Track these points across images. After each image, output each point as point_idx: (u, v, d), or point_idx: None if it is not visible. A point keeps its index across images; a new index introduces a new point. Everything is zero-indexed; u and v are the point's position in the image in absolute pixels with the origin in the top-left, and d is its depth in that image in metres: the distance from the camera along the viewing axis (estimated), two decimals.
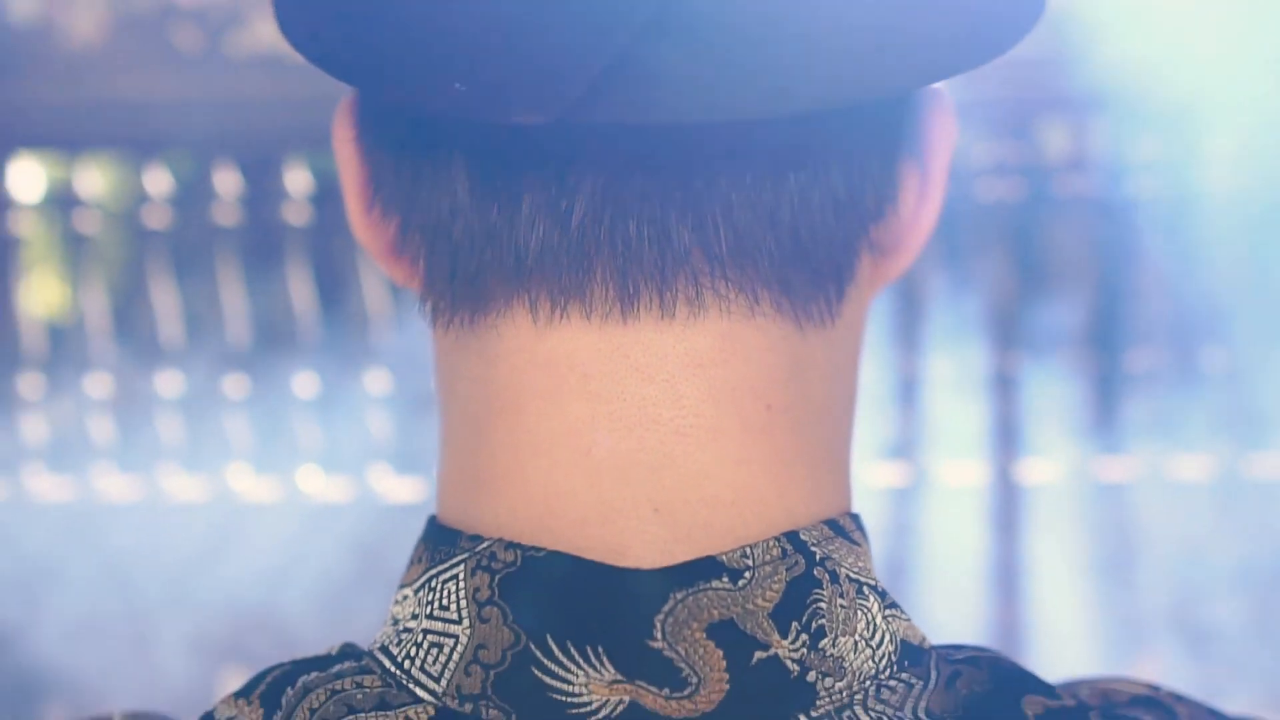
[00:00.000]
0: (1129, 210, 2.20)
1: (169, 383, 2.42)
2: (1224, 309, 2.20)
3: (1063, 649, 1.91)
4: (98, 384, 2.43)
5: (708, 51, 0.52)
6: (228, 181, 2.41)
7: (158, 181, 2.43)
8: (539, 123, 0.53)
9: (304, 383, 2.41)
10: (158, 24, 2.31)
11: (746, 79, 0.53)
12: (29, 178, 2.51)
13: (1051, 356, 2.23)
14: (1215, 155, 2.21)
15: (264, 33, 2.30)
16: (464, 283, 0.57)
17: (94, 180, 2.48)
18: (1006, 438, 2.19)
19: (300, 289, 2.37)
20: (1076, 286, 2.21)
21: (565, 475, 0.56)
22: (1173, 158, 2.21)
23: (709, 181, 0.55)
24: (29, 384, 2.41)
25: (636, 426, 0.56)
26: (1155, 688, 0.63)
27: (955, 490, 2.20)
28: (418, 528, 0.60)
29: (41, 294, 2.71)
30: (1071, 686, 0.61)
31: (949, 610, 2.01)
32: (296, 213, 2.41)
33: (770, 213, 0.55)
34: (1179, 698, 0.62)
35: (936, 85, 0.61)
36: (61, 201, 2.49)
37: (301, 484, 2.39)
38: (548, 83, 0.52)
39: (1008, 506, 2.16)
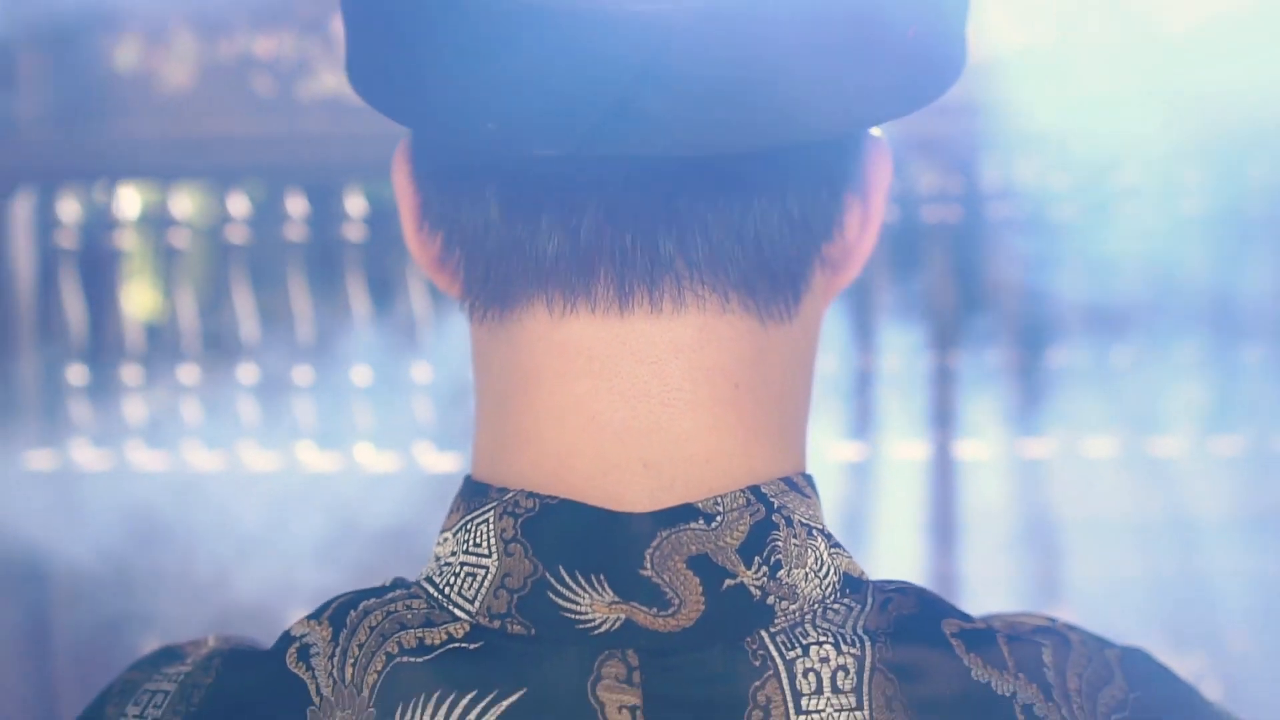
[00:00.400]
0: (1049, 232, 2.21)
1: (246, 372, 2.39)
2: (1128, 314, 2.21)
3: (989, 598, 1.94)
4: (187, 373, 2.39)
5: (687, 98, 0.53)
6: (296, 205, 2.38)
7: (237, 205, 2.39)
8: (554, 155, 0.55)
9: (360, 373, 2.37)
10: (239, 72, 2.27)
11: (718, 120, 0.54)
12: (130, 201, 2.48)
13: (984, 354, 2.25)
14: (1121, 186, 2.20)
15: (328, 81, 2.25)
16: (495, 285, 0.59)
17: (184, 203, 2.43)
18: (945, 421, 2.21)
19: (357, 295, 2.37)
20: (1005, 295, 2.23)
21: (574, 438, 0.58)
22: (1085, 187, 2.20)
23: (689, 203, 0.56)
24: (130, 373, 2.39)
25: (631, 399, 0.58)
26: (1053, 620, 0.65)
27: (902, 465, 2.21)
28: (454, 492, 0.62)
29: (140, 299, 2.69)
30: (985, 618, 0.62)
31: (895, 563, 2.03)
32: (354, 231, 2.37)
33: (738, 229, 0.57)
34: (1071, 628, 0.64)
35: (876, 133, 0.63)
36: (157, 221, 2.43)
37: (358, 458, 2.34)
38: (561, 123, 0.54)
39: (945, 479, 2.18)
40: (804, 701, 0.55)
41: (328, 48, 2.22)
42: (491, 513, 0.57)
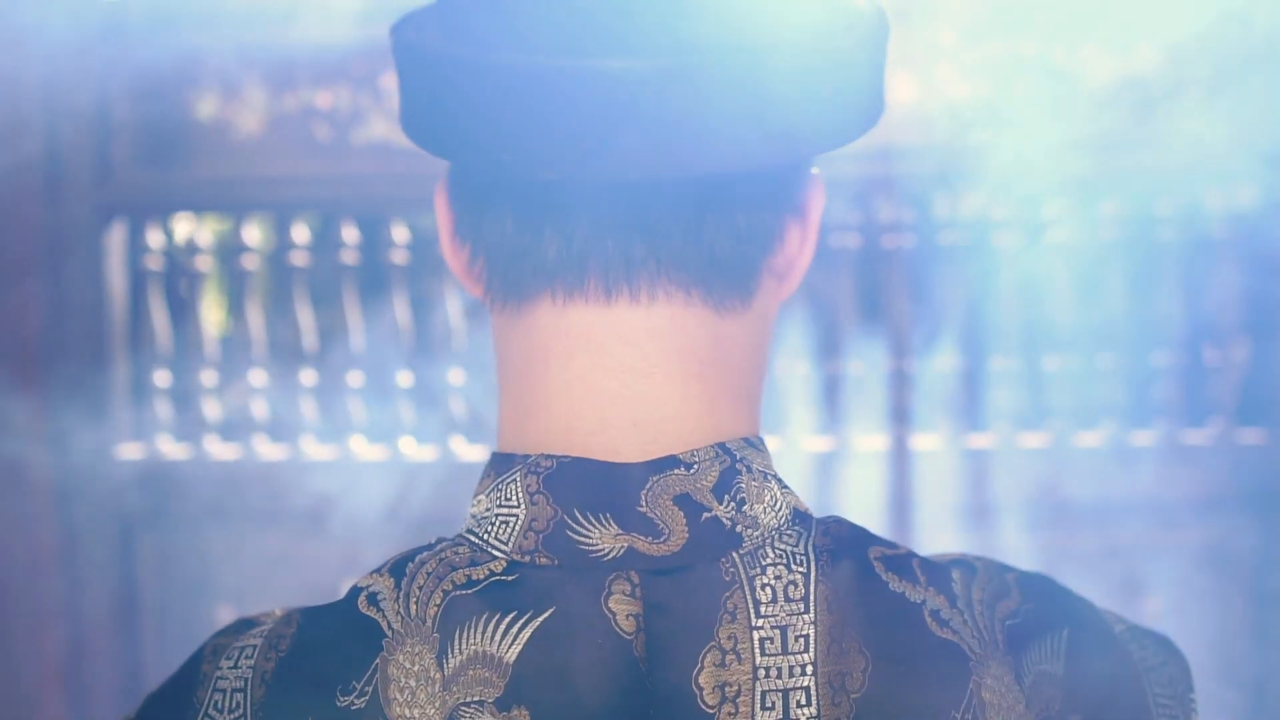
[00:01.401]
0: (990, 256, 2.33)
1: (307, 376, 2.47)
2: (1059, 325, 2.33)
3: None
4: (256, 377, 2.48)
5: (652, 135, 0.58)
6: (349, 234, 2.46)
7: (299, 234, 2.48)
8: (553, 179, 0.60)
9: (404, 376, 2.45)
10: (301, 121, 2.36)
11: (676, 152, 0.59)
12: (207, 231, 2.57)
13: (935, 360, 2.35)
14: (1050, 216, 2.31)
15: (377, 128, 2.34)
16: (510, 282, 0.65)
17: (253, 233, 2.50)
18: (902, 418, 2.31)
19: (401, 310, 2.46)
20: (953, 310, 2.34)
21: (578, 406, 0.64)
22: (1020, 218, 2.32)
23: (656, 218, 0.62)
24: (207, 377, 2.50)
25: (619, 373, 0.63)
26: (964, 554, 0.69)
27: (865, 455, 2.29)
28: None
29: (215, 314, 2.74)
30: (906, 550, 0.67)
31: None
32: (399, 256, 2.45)
33: (695, 239, 0.62)
34: (978, 558, 0.68)
35: (815, 171, 0.68)
36: (230, 248, 2.50)
37: (402, 450, 2.42)
38: (558, 154, 0.59)
39: (902, 467, 2.27)
40: (762, 609, 0.60)
41: (377, 100, 2.34)
42: (518, 473, 0.63)
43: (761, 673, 0.59)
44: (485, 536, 0.62)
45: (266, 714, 0.61)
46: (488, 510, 0.63)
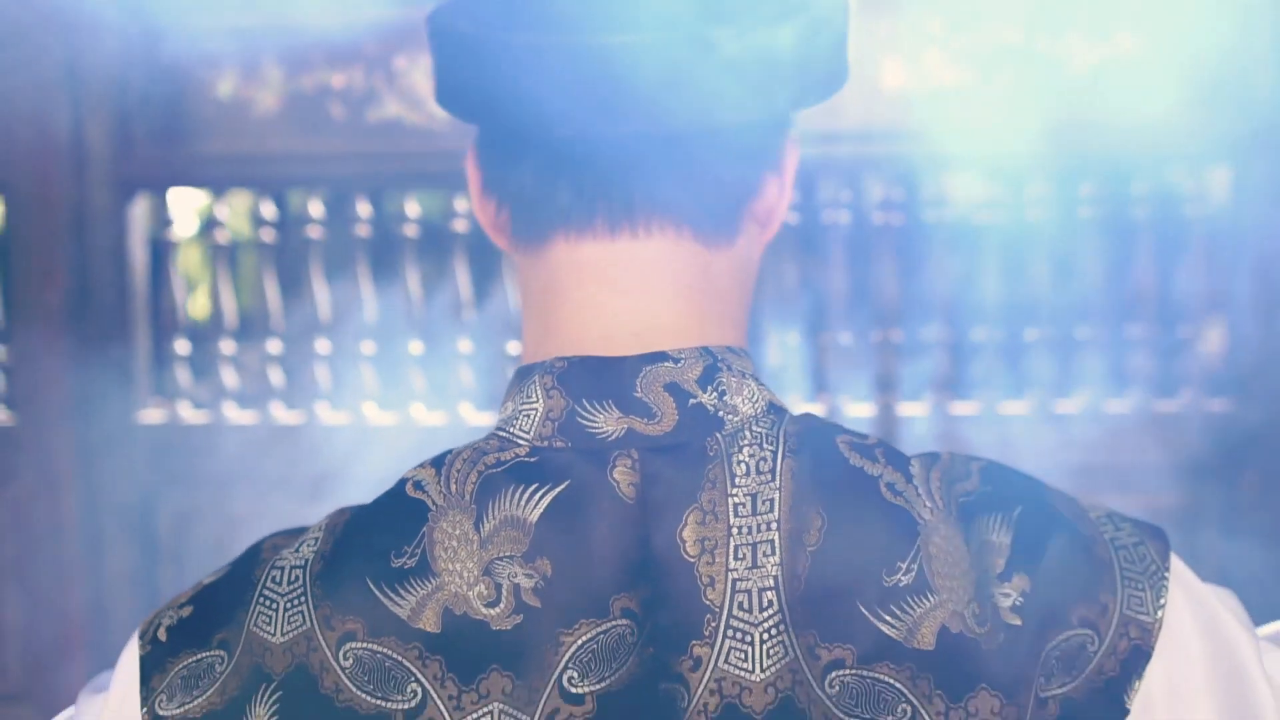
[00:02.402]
0: (974, 232, 2.43)
1: (320, 345, 2.56)
2: (1039, 299, 2.43)
3: None
4: (272, 346, 2.58)
5: (648, 96, 0.67)
6: (364, 208, 2.55)
7: (316, 207, 2.57)
8: (566, 137, 0.69)
9: (415, 345, 2.54)
10: (318, 100, 2.45)
11: (668, 110, 0.68)
12: (227, 204, 2.64)
13: (920, 332, 2.46)
14: (1031, 196, 2.41)
15: (390, 107, 2.43)
16: (531, 227, 0.73)
17: (270, 207, 2.59)
18: (889, 387, 2.43)
19: (413, 282, 2.55)
20: (939, 284, 2.44)
21: (588, 322, 0.72)
22: (1004, 197, 2.42)
23: (651, 167, 0.70)
24: (225, 346, 2.60)
25: (622, 294, 0.72)
26: (939, 450, 0.80)
27: (853, 421, 2.35)
28: None
29: (234, 285, 2.75)
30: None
31: None
32: (410, 229, 2.54)
33: (685, 185, 0.71)
34: (951, 451, 0.74)
35: (791, 132, 0.75)
36: (249, 220, 2.60)
37: (413, 414, 2.50)
38: (569, 116, 0.68)
39: (889, 433, 2.35)
40: (737, 480, 0.69)
41: (389, 81, 2.44)
42: (537, 376, 0.72)
43: (734, 530, 0.68)
44: (511, 430, 0.71)
45: (325, 583, 0.68)
46: (512, 411, 0.71)
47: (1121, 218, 2.41)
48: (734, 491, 0.68)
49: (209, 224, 2.62)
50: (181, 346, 2.61)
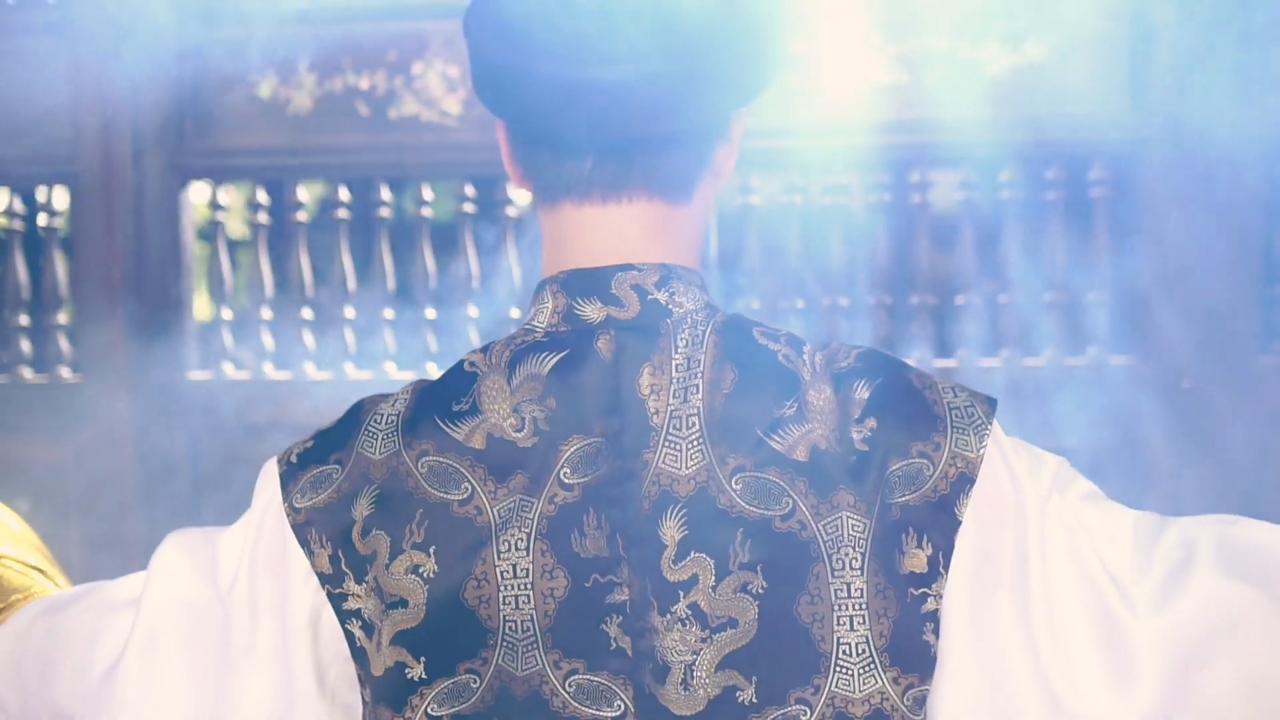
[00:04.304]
0: (921, 212, 2.67)
1: (348, 312, 2.79)
2: (967, 270, 2.66)
3: None
4: (305, 313, 2.82)
5: (629, 107, 0.86)
6: (385, 192, 2.77)
7: (343, 193, 2.79)
8: (571, 135, 0.88)
9: (429, 312, 2.76)
10: (346, 100, 2.68)
11: (645, 117, 0.86)
12: (266, 190, 2.83)
13: (909, 298, 2.70)
14: (962, 180, 2.66)
15: (409, 106, 2.66)
16: (546, 194, 0.93)
17: (304, 193, 2.79)
18: (884, 344, 2.55)
19: (429, 257, 2.78)
20: (923, 257, 2.68)
21: (586, 258, 0.93)
22: (942, 181, 2.67)
23: (632, 155, 0.90)
24: (264, 312, 2.82)
25: (611, 240, 0.92)
26: (843, 342, 0.95)
27: None
28: None
29: (272, 261, 2.91)
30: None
31: None
32: (427, 211, 2.76)
33: (658, 167, 0.91)
34: (843, 342, 0.94)
35: (737, 112, 0.93)
36: (286, 205, 2.80)
37: (428, 369, 2.69)
38: (572, 123, 0.87)
39: None
40: (678, 349, 0.90)
41: (408, 84, 2.68)
42: (548, 285, 0.94)
43: (673, 379, 0.89)
44: (531, 324, 0.94)
45: (408, 424, 0.91)
46: (531, 313, 0.94)
47: (1036, 200, 2.68)
48: (676, 356, 0.90)
49: (250, 207, 2.84)
50: (225, 314, 2.86)
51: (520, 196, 2.79)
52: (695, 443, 0.87)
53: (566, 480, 0.88)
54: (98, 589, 1.05)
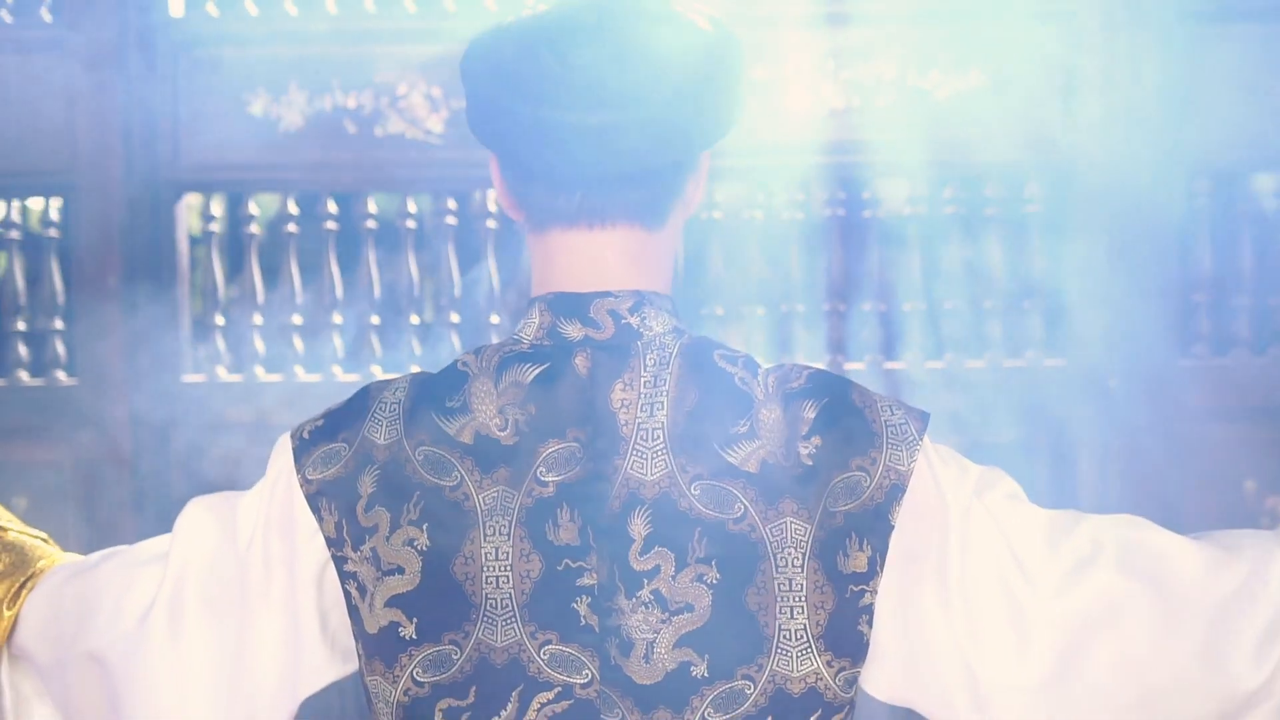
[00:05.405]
0: (880, 225, 2.83)
1: (336, 318, 2.84)
2: (912, 279, 2.81)
3: None
4: (295, 319, 2.87)
5: (617, 148, 0.94)
6: (371, 205, 2.88)
7: (330, 206, 2.87)
8: (559, 172, 0.97)
9: (414, 318, 2.84)
10: (336, 119, 2.77)
11: (631, 157, 0.94)
12: (258, 203, 2.94)
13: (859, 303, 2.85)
14: (910, 194, 2.80)
15: (395, 125, 2.77)
16: (537, 222, 1.01)
17: (293, 205, 2.88)
18: (838, 348, 2.82)
19: (412, 266, 2.88)
20: (882, 265, 2.86)
21: (569, 275, 1.01)
22: (892, 195, 2.83)
23: (615, 189, 0.98)
24: (256, 318, 2.89)
25: (596, 261, 1.00)
26: (796, 364, 1.01)
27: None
28: None
29: (262, 269, 2.97)
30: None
31: None
32: (411, 224, 2.86)
33: (637, 198, 0.99)
34: (795, 364, 1.01)
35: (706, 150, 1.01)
36: (277, 217, 2.89)
37: (413, 373, 2.63)
38: (564, 156, 0.95)
39: None
40: (647, 368, 0.98)
41: (393, 103, 2.78)
42: (537, 303, 1.02)
43: (641, 395, 0.97)
44: (519, 336, 1.02)
45: (409, 414, 0.99)
46: (522, 324, 1.02)
47: (975, 214, 2.84)
48: (644, 374, 0.98)
49: (243, 219, 2.92)
50: (218, 319, 2.93)
51: (498, 209, 2.91)
52: (659, 453, 0.96)
53: (543, 478, 0.97)
54: (121, 551, 1.13)
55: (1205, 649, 1.00)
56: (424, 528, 0.97)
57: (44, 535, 1.17)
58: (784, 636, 0.95)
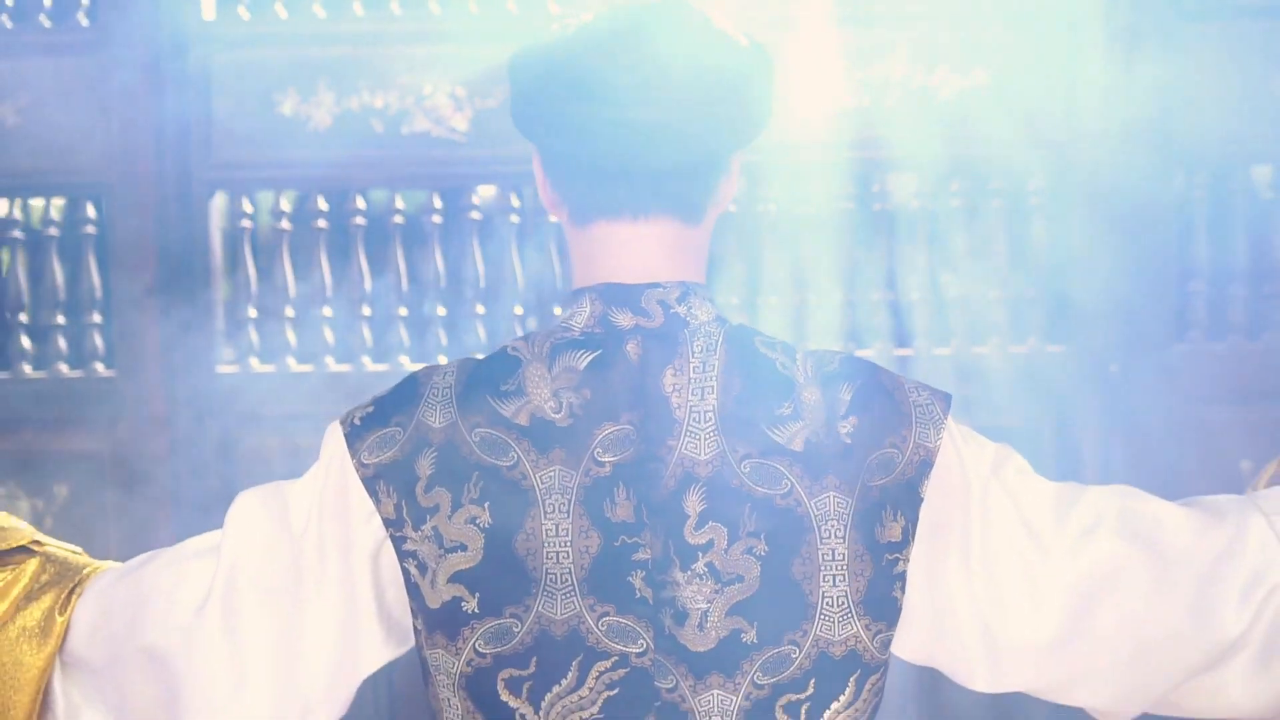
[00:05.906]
0: (890, 218, 2.91)
1: (365, 310, 2.91)
2: (918, 267, 2.89)
3: None
4: (326, 310, 2.92)
5: (660, 142, 0.98)
6: (398, 201, 2.93)
7: (359, 202, 2.93)
8: (603, 166, 1.00)
9: (440, 309, 2.93)
10: (362, 117, 2.83)
11: (672, 150, 0.99)
12: (288, 199, 2.98)
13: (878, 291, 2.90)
14: (917, 189, 2.88)
15: (420, 124, 2.82)
16: (580, 215, 1.05)
17: (323, 201, 2.93)
18: (853, 335, 2.88)
19: (439, 259, 2.93)
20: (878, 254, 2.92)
21: (617, 266, 1.04)
22: (899, 189, 2.88)
23: (657, 181, 1.03)
24: (288, 311, 2.94)
25: (639, 252, 1.04)
26: (832, 350, 1.06)
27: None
28: None
29: (293, 264, 3.01)
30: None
31: None
32: (436, 219, 2.91)
33: (676, 193, 1.03)
34: (833, 350, 1.05)
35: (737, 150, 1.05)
36: (306, 213, 2.94)
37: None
38: (609, 149, 0.99)
39: None
40: (695, 354, 1.02)
41: (419, 103, 2.83)
42: (586, 294, 1.05)
43: (691, 380, 1.01)
44: (567, 323, 1.05)
45: (462, 397, 1.01)
46: (570, 313, 1.05)
47: (981, 207, 2.90)
48: (693, 360, 1.02)
49: (273, 215, 2.98)
50: (251, 312, 2.99)
51: (520, 204, 2.98)
52: (711, 434, 1.01)
53: (600, 458, 1.00)
54: (165, 551, 1.13)
55: (1196, 604, 1.07)
56: (485, 506, 0.99)
57: (77, 548, 1.18)
58: (827, 603, 1.00)
